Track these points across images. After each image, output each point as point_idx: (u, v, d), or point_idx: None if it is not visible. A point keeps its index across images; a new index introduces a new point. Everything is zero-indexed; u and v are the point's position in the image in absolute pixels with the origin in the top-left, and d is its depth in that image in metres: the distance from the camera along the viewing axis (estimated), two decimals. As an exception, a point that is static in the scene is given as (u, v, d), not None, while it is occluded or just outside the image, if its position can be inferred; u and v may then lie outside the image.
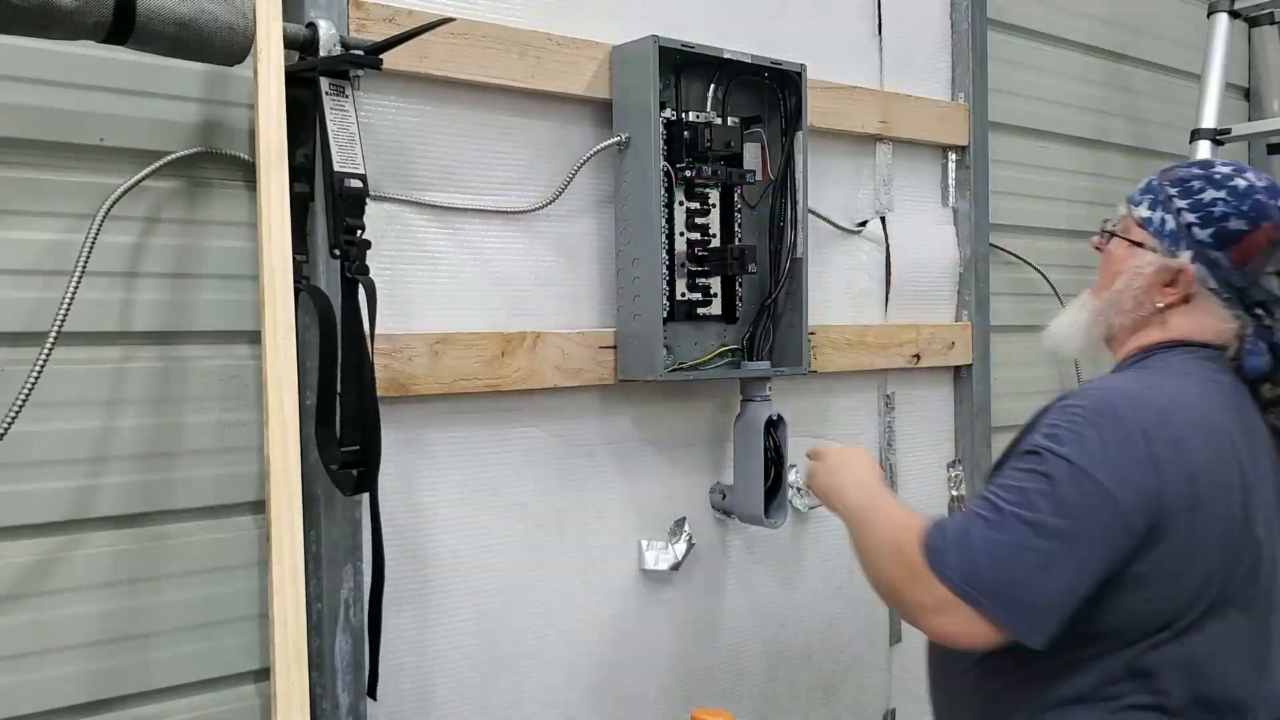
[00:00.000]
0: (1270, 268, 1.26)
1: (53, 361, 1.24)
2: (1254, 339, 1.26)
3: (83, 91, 1.32)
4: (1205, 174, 1.29)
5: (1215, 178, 1.28)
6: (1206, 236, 1.26)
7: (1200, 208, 1.26)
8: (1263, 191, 1.26)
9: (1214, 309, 1.27)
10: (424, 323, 1.61)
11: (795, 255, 1.89)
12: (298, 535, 1.28)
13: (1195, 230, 1.26)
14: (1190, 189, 1.28)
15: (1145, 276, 1.30)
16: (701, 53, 1.76)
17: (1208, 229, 1.26)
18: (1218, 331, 1.28)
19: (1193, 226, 1.27)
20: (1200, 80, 2.55)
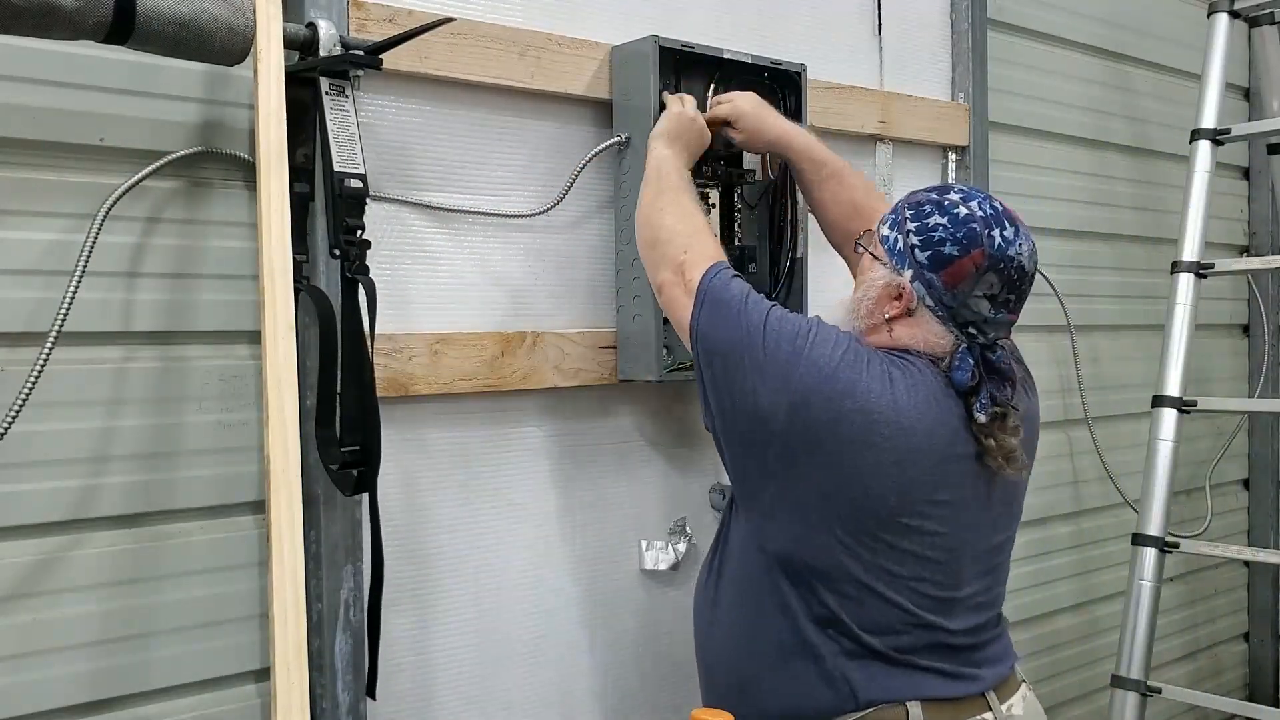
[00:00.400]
0: (979, 291, 1.36)
1: (53, 361, 1.24)
2: (963, 355, 1.37)
3: (83, 91, 1.32)
4: (938, 200, 1.40)
5: (944, 204, 1.39)
6: (925, 259, 1.37)
7: (924, 231, 1.38)
8: (979, 220, 1.36)
9: (931, 324, 1.39)
10: (424, 323, 1.61)
11: (795, 255, 1.89)
12: (298, 535, 1.28)
13: (916, 252, 1.38)
14: (921, 213, 1.39)
15: (877, 289, 1.42)
16: (701, 53, 1.76)
17: (926, 252, 1.37)
18: (932, 344, 1.39)
19: (915, 249, 1.38)
20: (1200, 80, 2.55)
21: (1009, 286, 1.37)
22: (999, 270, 1.35)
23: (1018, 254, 1.36)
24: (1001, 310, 1.37)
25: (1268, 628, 3.32)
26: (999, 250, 1.35)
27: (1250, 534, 3.32)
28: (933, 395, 1.37)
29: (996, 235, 1.35)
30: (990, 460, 1.38)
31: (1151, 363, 2.50)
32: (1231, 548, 2.70)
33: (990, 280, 1.35)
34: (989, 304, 1.36)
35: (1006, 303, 1.37)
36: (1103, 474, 2.69)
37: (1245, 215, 3.28)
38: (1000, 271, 1.35)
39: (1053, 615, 2.68)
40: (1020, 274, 1.37)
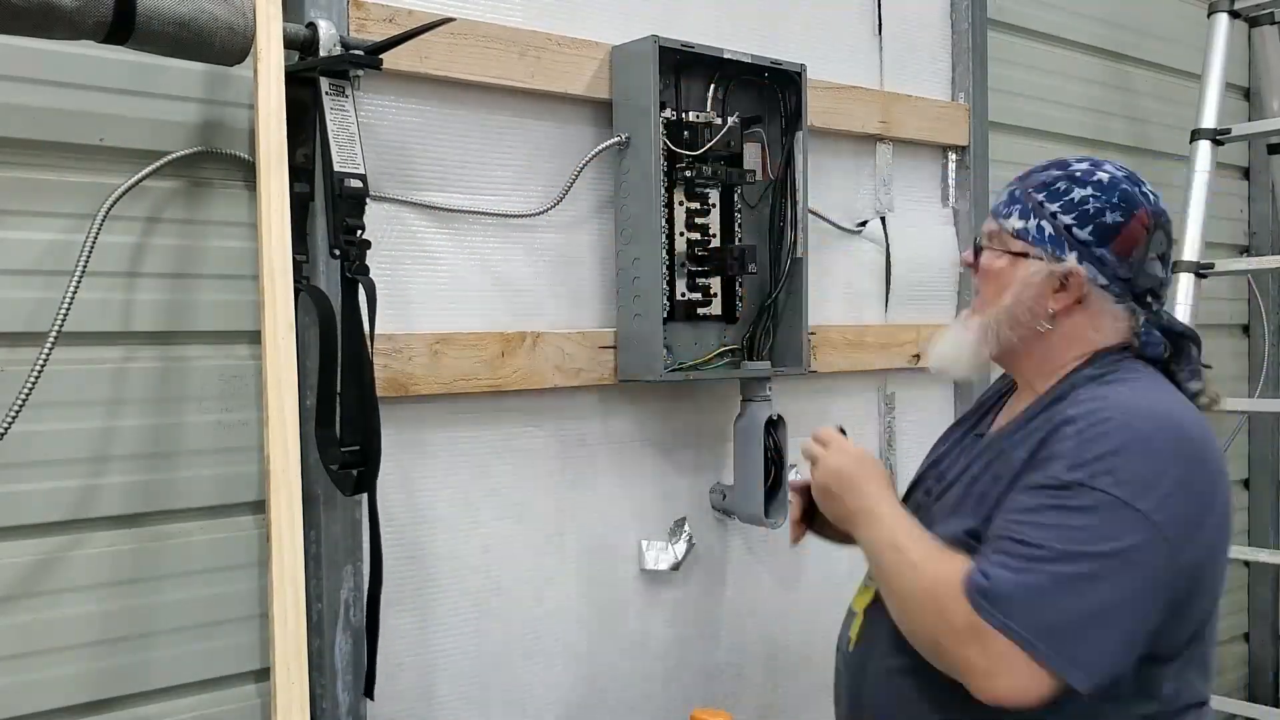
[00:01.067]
0: (1153, 253, 1.25)
1: (53, 361, 1.24)
2: (1147, 329, 1.25)
3: (83, 91, 1.32)
4: (1066, 173, 1.27)
5: (1076, 175, 1.26)
6: (1087, 235, 1.24)
7: (1073, 207, 1.25)
8: (1125, 181, 1.26)
9: (1107, 307, 1.26)
10: (424, 323, 1.61)
11: (795, 255, 1.89)
12: (298, 535, 1.28)
13: (1075, 230, 1.24)
14: (1057, 191, 1.26)
15: (1035, 285, 1.26)
16: (701, 53, 1.76)
17: (1086, 227, 1.24)
18: (1118, 330, 1.26)
19: (1071, 227, 1.24)
20: (1200, 80, 2.55)
21: (1169, 241, 1.27)
22: (1163, 226, 1.26)
23: (1166, 206, 1.28)
24: (1168, 269, 1.28)
25: (1268, 628, 3.32)
26: (1157, 204, 1.26)
27: (1250, 534, 3.32)
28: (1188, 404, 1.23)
29: (1148, 192, 1.26)
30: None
31: (1151, 363, 2.50)
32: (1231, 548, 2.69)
33: (1159, 239, 1.25)
34: (1161, 264, 1.26)
35: (1168, 259, 1.27)
36: (1103, 474, 2.68)
37: (1245, 215, 3.27)
38: (1164, 227, 1.26)
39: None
40: (1171, 227, 1.28)
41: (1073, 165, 1.28)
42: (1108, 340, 1.26)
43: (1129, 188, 1.25)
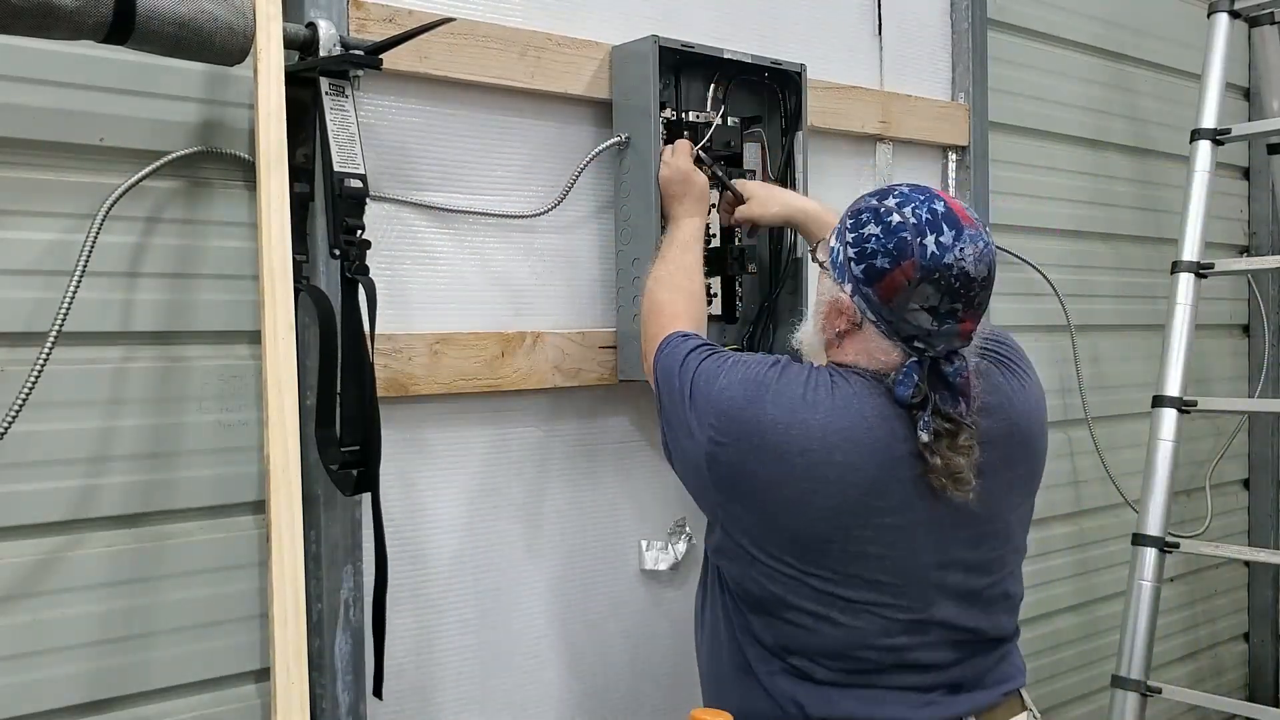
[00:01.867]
0: (914, 304, 1.27)
1: (53, 361, 1.24)
2: (908, 370, 1.29)
3: (83, 91, 1.32)
4: (875, 207, 1.31)
5: (880, 211, 1.30)
6: (860, 272, 1.30)
7: (859, 243, 1.30)
8: (911, 228, 1.27)
9: (876, 339, 1.32)
10: (424, 323, 1.61)
11: (795, 255, 1.89)
12: (298, 535, 1.28)
13: (853, 265, 1.31)
14: (859, 222, 1.32)
15: (825, 303, 1.38)
16: (701, 53, 1.76)
17: (860, 265, 1.30)
18: (879, 359, 1.32)
19: (851, 261, 1.31)
20: (1200, 80, 2.55)
21: (951, 295, 1.26)
22: (934, 281, 1.25)
23: (957, 260, 1.25)
24: (948, 320, 1.27)
25: (1268, 628, 3.32)
26: (932, 260, 1.25)
27: (1250, 534, 3.32)
28: (865, 416, 1.30)
29: (930, 243, 1.25)
30: (934, 480, 1.29)
31: (1151, 363, 2.50)
32: (1231, 548, 2.70)
33: (926, 291, 1.26)
34: (929, 316, 1.27)
35: (952, 312, 1.27)
36: (1103, 474, 2.68)
37: (1245, 215, 3.28)
38: (935, 282, 1.25)
39: (1053, 615, 2.68)
40: (964, 280, 1.26)
41: (887, 199, 1.32)
42: (872, 366, 1.33)
43: (908, 237, 1.26)
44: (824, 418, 1.29)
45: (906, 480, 1.30)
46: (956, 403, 1.30)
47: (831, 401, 1.30)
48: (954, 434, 1.29)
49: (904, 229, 1.27)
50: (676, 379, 1.41)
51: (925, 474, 1.29)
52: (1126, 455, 2.73)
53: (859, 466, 1.29)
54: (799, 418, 1.29)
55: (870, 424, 1.30)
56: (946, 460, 1.28)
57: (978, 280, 1.27)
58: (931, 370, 1.30)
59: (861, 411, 1.30)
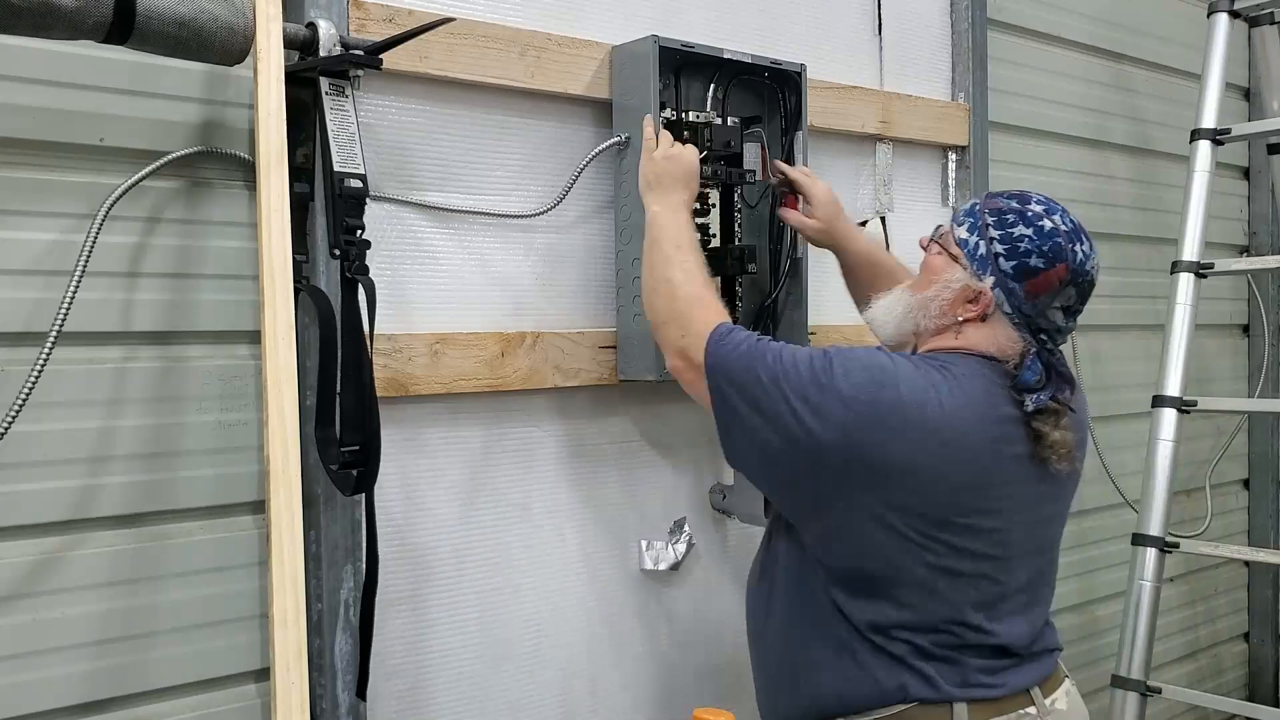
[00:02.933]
0: (1058, 303, 1.41)
1: (53, 361, 1.24)
2: (1033, 359, 1.41)
3: (83, 91, 1.32)
4: (1020, 209, 1.43)
5: (1028, 214, 1.42)
6: (1009, 268, 1.40)
7: (1009, 240, 1.41)
8: (1064, 235, 1.40)
9: (1005, 329, 1.43)
10: (424, 323, 1.61)
11: (795, 255, 1.89)
12: (298, 535, 1.28)
13: (1001, 260, 1.41)
14: (1004, 221, 1.42)
15: (953, 290, 1.45)
16: (701, 53, 1.76)
17: (1011, 261, 1.40)
18: (1002, 348, 1.42)
19: (999, 256, 1.41)
20: (1200, 80, 2.55)
21: (1082, 298, 1.43)
22: (1078, 284, 1.41)
23: (1093, 268, 1.43)
24: (1072, 319, 1.44)
25: (1268, 628, 3.32)
26: (1080, 265, 1.40)
27: (1250, 534, 3.32)
28: (979, 395, 1.39)
29: (1079, 250, 1.41)
30: (1045, 453, 1.40)
31: (1151, 363, 2.50)
32: (1231, 548, 2.70)
33: (1069, 293, 1.41)
34: (1063, 314, 1.43)
35: (1077, 312, 1.44)
36: (1103, 474, 2.68)
37: (1245, 215, 3.28)
38: (1079, 285, 1.41)
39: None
40: (1092, 287, 1.44)
41: (1031, 204, 1.44)
42: (993, 352, 1.43)
43: (1063, 242, 1.40)
44: (949, 398, 1.37)
45: (1015, 457, 1.41)
46: (1064, 389, 1.43)
47: (950, 382, 1.38)
48: (1060, 414, 1.41)
49: (1058, 234, 1.40)
50: (761, 372, 1.39)
51: (1034, 450, 1.40)
52: (1126, 455, 2.73)
53: (980, 443, 1.38)
54: (929, 398, 1.36)
55: (983, 405, 1.39)
56: (1061, 436, 1.40)
57: (1094, 288, 1.45)
58: (1047, 362, 1.43)
59: (974, 393, 1.39)
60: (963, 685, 1.40)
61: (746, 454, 1.44)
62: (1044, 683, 1.47)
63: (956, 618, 1.40)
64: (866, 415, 1.35)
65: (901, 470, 1.35)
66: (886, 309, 1.53)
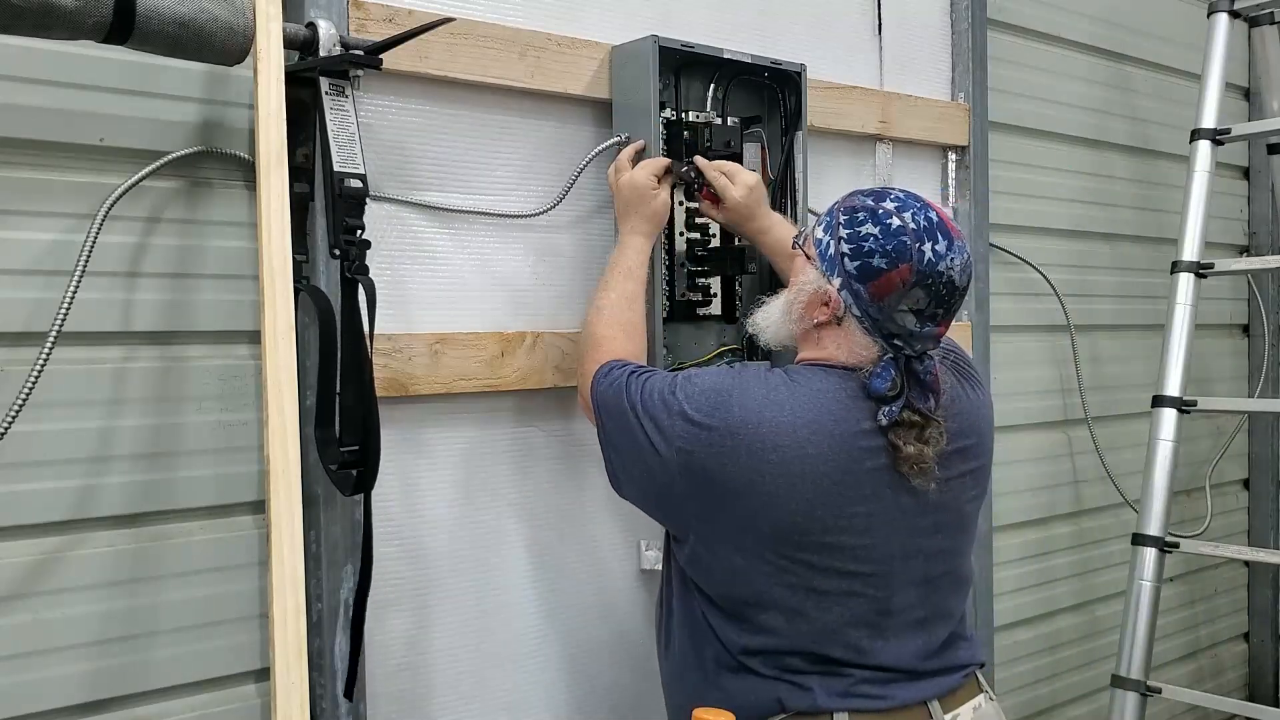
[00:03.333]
0: (904, 305, 1.33)
1: (53, 361, 1.24)
2: (885, 365, 1.35)
3: (83, 91, 1.32)
4: (872, 207, 1.36)
5: (878, 212, 1.35)
6: (853, 269, 1.35)
7: (855, 240, 1.35)
8: (911, 234, 1.32)
9: (857, 334, 1.37)
10: (424, 323, 1.61)
11: (795, 255, 1.88)
12: (298, 535, 1.28)
13: (846, 260, 1.35)
14: (854, 219, 1.36)
15: (806, 293, 1.41)
16: (701, 53, 1.76)
17: (855, 261, 1.34)
18: (858, 354, 1.37)
19: (845, 257, 1.35)
20: (1200, 80, 2.55)
21: (936, 301, 1.33)
22: (926, 286, 1.32)
23: (948, 269, 1.33)
24: (928, 324, 1.35)
25: (1268, 628, 3.32)
26: (928, 266, 1.32)
27: (1250, 534, 3.32)
28: (828, 409, 1.35)
29: (927, 250, 1.32)
30: (902, 467, 1.35)
31: (1151, 363, 2.50)
32: (1231, 548, 2.70)
33: (917, 295, 1.32)
34: (915, 318, 1.34)
35: (934, 316, 1.34)
36: (1103, 474, 2.68)
37: (1245, 215, 3.28)
38: (928, 287, 1.32)
39: (1053, 615, 2.68)
40: (950, 289, 1.34)
41: (884, 201, 1.37)
42: (849, 360, 1.38)
43: (908, 241, 1.32)
44: (790, 415, 1.34)
45: (874, 470, 1.36)
46: (926, 398, 1.37)
47: (793, 398, 1.35)
48: (923, 427, 1.36)
49: (904, 233, 1.33)
50: (625, 402, 1.42)
51: (894, 463, 1.36)
52: (1126, 455, 2.73)
53: (829, 458, 1.34)
54: (767, 416, 1.34)
55: (836, 417, 1.35)
56: (917, 450, 1.35)
57: (960, 289, 1.35)
58: (905, 368, 1.36)
59: (825, 405, 1.35)
60: (845, 696, 1.37)
61: (625, 484, 1.47)
62: (948, 697, 1.43)
63: (832, 638, 1.37)
64: (704, 438, 1.34)
65: (742, 491, 1.33)
66: (765, 314, 1.51)
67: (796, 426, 1.33)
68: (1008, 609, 2.54)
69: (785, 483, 1.32)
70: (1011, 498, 2.55)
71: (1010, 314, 2.50)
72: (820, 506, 1.34)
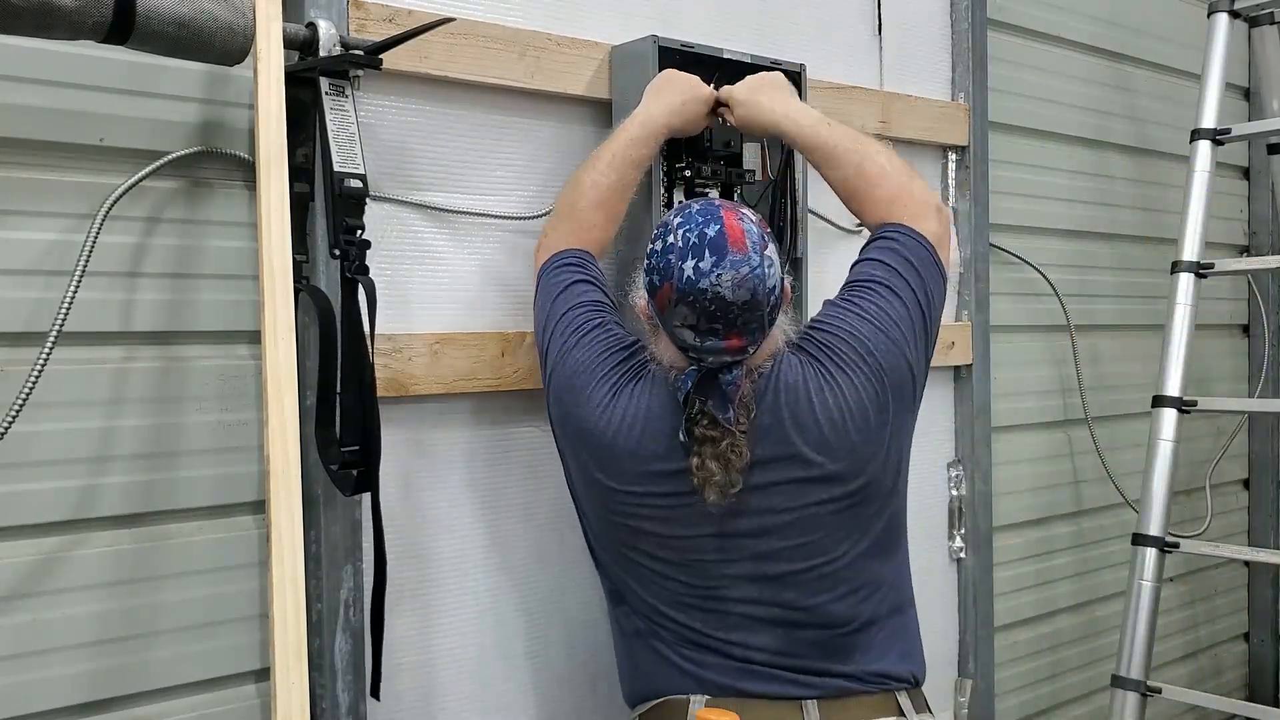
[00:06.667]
0: (675, 321, 1.36)
1: (53, 361, 1.24)
2: (686, 375, 1.39)
3: (83, 91, 1.32)
4: (667, 222, 1.40)
5: (664, 228, 1.39)
6: (645, 283, 1.41)
7: (648, 255, 1.40)
8: (677, 252, 1.34)
9: (666, 342, 1.42)
10: (424, 323, 1.61)
11: (795, 255, 1.88)
12: (298, 535, 1.28)
13: (644, 275, 1.41)
14: (655, 234, 1.40)
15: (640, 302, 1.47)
16: (701, 53, 1.76)
17: (645, 277, 1.41)
18: (672, 358, 1.43)
19: (645, 271, 1.41)
20: (1200, 80, 2.55)
21: (707, 316, 1.33)
22: (689, 303, 1.33)
23: (713, 285, 1.31)
24: (710, 338, 1.34)
25: (1268, 628, 3.32)
26: (687, 284, 1.32)
27: (1250, 534, 3.32)
28: (653, 408, 1.42)
29: (688, 268, 1.32)
30: (692, 478, 1.37)
31: (1151, 363, 2.50)
32: (1231, 548, 2.70)
33: (683, 312, 1.34)
34: (691, 332, 1.35)
35: (713, 330, 1.34)
36: (1103, 474, 2.68)
37: (1245, 215, 3.28)
38: (691, 304, 1.33)
39: (1053, 615, 2.68)
40: (720, 304, 1.32)
41: (675, 217, 1.39)
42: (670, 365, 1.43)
43: (673, 259, 1.34)
44: (622, 406, 1.43)
45: (677, 473, 1.40)
46: (725, 409, 1.37)
47: (631, 391, 1.44)
48: (717, 440, 1.37)
49: (671, 251, 1.36)
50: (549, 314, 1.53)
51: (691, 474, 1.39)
52: (1126, 455, 2.73)
53: (638, 452, 1.42)
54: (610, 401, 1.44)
55: (655, 415, 1.42)
56: (703, 462, 1.37)
57: (736, 304, 1.33)
58: (708, 377, 1.38)
59: (650, 405, 1.42)
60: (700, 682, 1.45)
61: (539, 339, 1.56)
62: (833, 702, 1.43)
63: (659, 610, 1.47)
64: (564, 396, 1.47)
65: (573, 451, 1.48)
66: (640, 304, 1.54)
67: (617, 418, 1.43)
68: (1008, 609, 2.54)
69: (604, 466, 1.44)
70: (1011, 498, 2.55)
71: (1010, 314, 2.50)
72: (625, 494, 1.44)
